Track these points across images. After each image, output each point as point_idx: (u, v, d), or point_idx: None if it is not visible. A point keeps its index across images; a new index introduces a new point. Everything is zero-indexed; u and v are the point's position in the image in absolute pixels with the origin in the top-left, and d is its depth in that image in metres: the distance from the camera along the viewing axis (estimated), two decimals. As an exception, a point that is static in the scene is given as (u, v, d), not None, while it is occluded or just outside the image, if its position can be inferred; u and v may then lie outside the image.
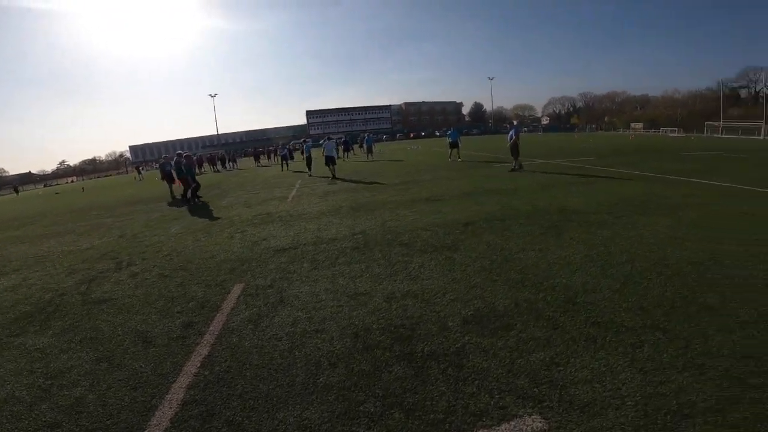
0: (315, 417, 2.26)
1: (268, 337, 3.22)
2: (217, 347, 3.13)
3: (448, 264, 4.57)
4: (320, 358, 2.83)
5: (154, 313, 3.96)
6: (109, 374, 2.90)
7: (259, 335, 3.27)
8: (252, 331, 3.34)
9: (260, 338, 3.22)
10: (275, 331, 3.30)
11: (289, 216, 8.63)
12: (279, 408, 2.37)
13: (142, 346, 3.27)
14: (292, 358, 2.88)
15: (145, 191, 20.27)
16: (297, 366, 2.77)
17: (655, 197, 7.42)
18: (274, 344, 3.09)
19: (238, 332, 3.35)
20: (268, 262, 5.33)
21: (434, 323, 3.21)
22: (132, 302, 4.34)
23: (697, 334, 2.71)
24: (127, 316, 3.96)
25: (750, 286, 3.38)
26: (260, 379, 2.66)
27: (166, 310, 4.02)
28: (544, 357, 2.64)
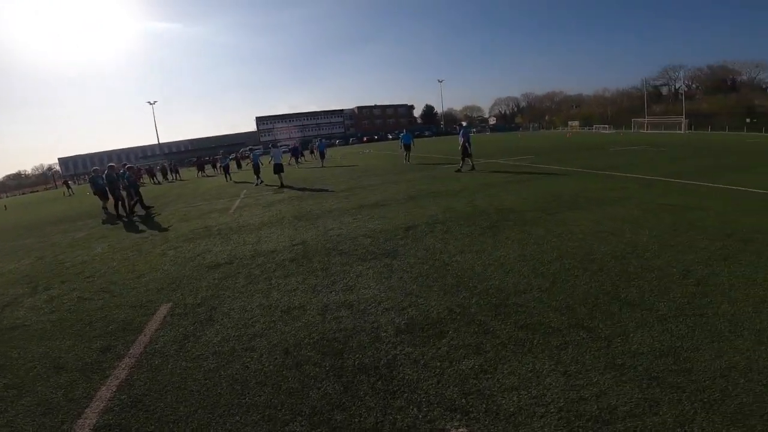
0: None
1: (193, 357, 3.07)
2: (137, 370, 2.98)
3: (386, 271, 4.47)
4: (247, 377, 2.72)
5: (69, 338, 3.71)
6: (18, 401, 2.78)
7: (183, 356, 3.11)
8: (176, 352, 3.18)
9: (184, 359, 3.06)
10: (201, 351, 3.15)
11: (228, 229, 8.16)
12: (199, 431, 2.26)
13: (54, 372, 3.09)
14: (217, 378, 2.76)
15: (75, 208, 18.51)
16: (222, 386, 2.65)
17: (584, 192, 7.82)
18: (198, 365, 2.96)
19: (160, 354, 3.18)
20: (201, 280, 5.02)
21: (367, 334, 3.13)
22: (46, 328, 4.03)
23: (618, 331, 2.78)
24: (39, 343, 3.70)
25: (668, 277, 3.56)
26: (181, 402, 2.54)
27: (83, 334, 3.77)
28: (473, 365, 2.60)
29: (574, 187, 8.53)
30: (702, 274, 3.55)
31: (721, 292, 3.20)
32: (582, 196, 7.51)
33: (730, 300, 3.06)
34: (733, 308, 2.94)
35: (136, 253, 7.05)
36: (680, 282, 3.44)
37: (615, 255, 4.19)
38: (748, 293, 3.14)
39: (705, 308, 2.97)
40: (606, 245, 4.54)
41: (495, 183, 10.05)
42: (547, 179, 10.16)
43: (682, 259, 3.94)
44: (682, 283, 3.40)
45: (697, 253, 4.07)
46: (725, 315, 2.85)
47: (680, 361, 2.38)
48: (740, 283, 3.33)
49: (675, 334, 2.67)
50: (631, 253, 4.21)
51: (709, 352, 2.44)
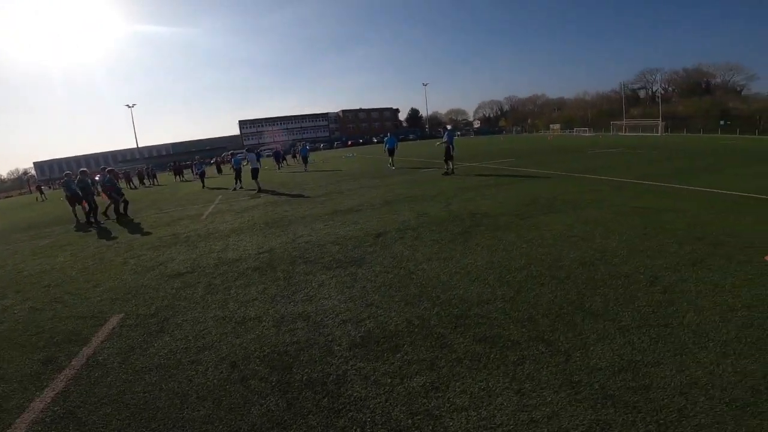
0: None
1: (135, 370, 2.99)
2: (74, 383, 2.91)
3: (349, 281, 4.28)
4: (189, 391, 2.63)
5: (14, 349, 3.60)
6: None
7: (126, 368, 3.03)
8: (119, 365, 3.09)
9: (126, 372, 2.98)
10: (145, 364, 3.06)
11: (196, 236, 7.84)
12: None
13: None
14: (157, 392, 2.67)
15: (46, 214, 17.78)
16: (161, 400, 2.57)
17: (561, 195, 7.77)
18: (140, 377, 2.88)
19: (102, 366, 3.10)
20: (158, 289, 4.83)
21: (320, 348, 2.99)
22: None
23: (578, 344, 2.63)
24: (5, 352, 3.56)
25: (634, 284, 3.45)
26: (115, 415, 2.48)
27: (28, 345, 3.66)
28: (425, 382, 2.45)
29: (551, 190, 8.48)
30: (669, 281, 3.45)
31: (687, 300, 3.10)
32: (558, 200, 7.45)
33: (697, 309, 2.95)
34: (699, 318, 2.83)
35: (97, 261, 6.77)
36: (647, 290, 3.33)
37: (583, 261, 4.08)
38: (716, 301, 3.05)
39: (670, 318, 2.85)
40: (576, 251, 4.43)
41: (473, 186, 9.96)
42: (526, 182, 10.12)
43: (650, 265, 3.84)
44: (649, 291, 3.30)
45: (666, 258, 3.99)
46: (690, 325, 2.74)
47: (639, 377, 2.24)
48: (708, 290, 3.24)
49: (636, 347, 2.53)
50: (599, 259, 4.10)
51: (671, 367, 2.31)
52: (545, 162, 15.18)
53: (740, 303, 2.98)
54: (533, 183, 9.86)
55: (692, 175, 9.66)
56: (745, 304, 2.97)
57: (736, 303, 2.99)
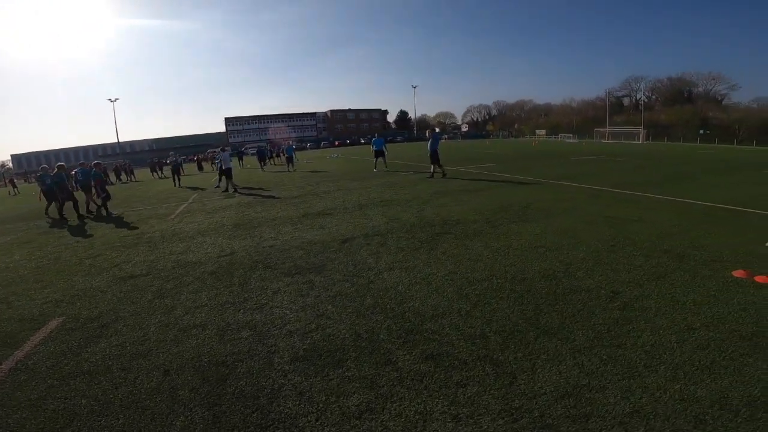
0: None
1: (63, 375, 2.90)
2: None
3: (305, 289, 4.10)
4: (112, 399, 2.55)
5: None
6: None
7: (53, 373, 2.95)
8: (47, 370, 3.00)
9: (53, 376, 2.89)
10: (74, 369, 2.97)
11: (160, 237, 7.52)
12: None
13: None
14: (79, 398, 2.60)
15: (15, 209, 17.05)
16: (81, 407, 2.50)
17: (535, 203, 7.70)
18: (65, 383, 2.80)
19: (30, 370, 3.01)
20: (107, 292, 4.63)
21: (260, 360, 2.86)
22: None
23: (526, 366, 2.50)
24: None
25: (594, 300, 3.34)
26: (30, 419, 2.41)
27: None
28: (361, 401, 2.29)
29: (527, 197, 8.42)
30: (630, 297, 3.36)
31: (646, 317, 3.00)
32: (532, 207, 7.38)
33: (654, 328, 2.85)
34: (654, 337, 2.73)
35: (52, 261, 6.46)
36: (606, 306, 3.22)
37: (547, 274, 3.96)
38: (674, 319, 2.95)
39: (625, 337, 2.74)
40: (541, 262, 4.32)
41: (450, 191, 9.85)
42: (503, 188, 10.07)
43: (613, 279, 3.75)
44: (608, 307, 3.19)
45: (630, 272, 3.90)
46: (644, 346, 2.63)
47: (581, 404, 2.11)
48: (668, 306, 3.15)
49: (585, 369, 2.41)
50: (563, 272, 3.99)
51: (616, 393, 2.18)
52: (526, 168, 15.21)
53: (699, 321, 2.90)
54: (510, 189, 9.81)
55: (667, 184, 9.74)
56: (705, 322, 2.88)
57: (695, 321, 2.90)
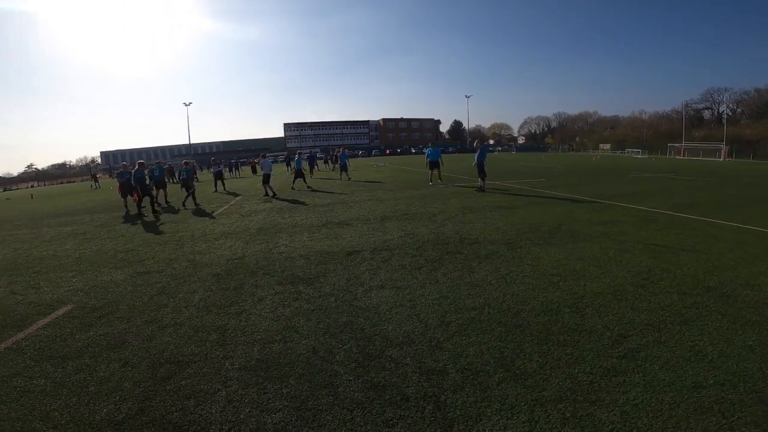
0: None
1: (41, 357, 3.16)
2: None
3: (290, 300, 4.08)
4: (65, 383, 2.77)
5: None
6: None
7: (34, 355, 3.22)
8: (32, 351, 3.28)
9: (32, 358, 3.17)
10: (53, 353, 3.22)
11: (190, 237, 7.91)
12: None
13: None
14: (39, 378, 2.84)
15: (90, 201, 19.08)
16: (35, 386, 2.74)
17: (570, 224, 7.03)
18: (39, 364, 3.04)
19: (18, 351, 3.32)
20: (120, 285, 5.01)
21: (212, 363, 2.92)
22: None
23: (472, 413, 2.19)
24: None
25: (593, 343, 2.87)
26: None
27: None
28: (279, 420, 2.28)
29: (563, 217, 7.73)
30: (639, 343, 2.84)
31: (646, 370, 2.50)
32: (564, 229, 6.74)
33: (650, 383, 2.37)
34: (644, 395, 2.27)
35: (93, 252, 7.13)
36: (604, 351, 2.74)
37: (550, 307, 3.50)
38: (682, 374, 2.44)
39: (607, 392, 2.29)
40: (549, 293, 3.84)
41: (481, 207, 9.35)
42: (541, 206, 9.36)
43: (628, 319, 3.21)
44: (605, 353, 2.71)
45: (652, 313, 3.33)
46: (625, 405, 2.19)
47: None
48: (683, 358, 2.61)
49: (537, 428, 2.02)
50: (570, 307, 3.51)
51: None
52: (578, 184, 14.13)
53: (714, 378, 2.36)
54: (549, 207, 9.09)
55: (737, 209, 8.46)
56: (721, 380, 2.36)
57: (708, 378, 2.37)
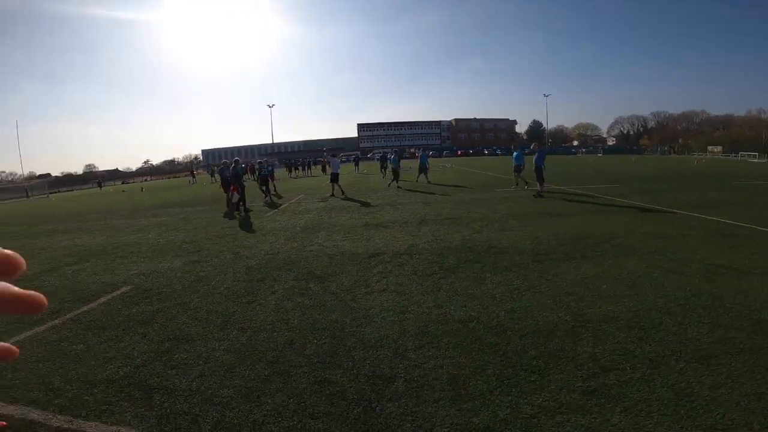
0: None
1: (89, 327, 3.78)
2: (50, 329, 3.81)
3: (296, 295, 4.42)
4: (96, 348, 3.31)
5: (49, 301, 4.61)
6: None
7: (85, 326, 3.83)
8: (85, 322, 3.91)
9: (82, 327, 3.79)
10: (98, 324, 3.85)
11: (244, 232, 8.72)
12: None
13: (15, 324, 4.02)
14: (79, 344, 3.41)
15: (186, 195, 21.79)
16: (73, 351, 3.25)
17: (620, 237, 6.36)
18: (84, 333, 3.64)
19: (77, 321, 3.97)
20: (174, 271, 5.73)
21: (204, 343, 3.29)
22: (48, 290, 5.09)
23: (377, 425, 2.16)
24: None
25: (563, 373, 2.64)
26: (41, 353, 3.27)
27: (57, 296, 4.79)
28: (227, 396, 2.51)
29: (618, 229, 7.01)
30: (616, 380, 2.51)
31: (596, 415, 2.21)
32: (614, 242, 6.12)
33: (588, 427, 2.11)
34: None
35: (167, 242, 8.14)
36: (570, 385, 2.51)
37: (543, 330, 3.27)
38: (639, 422, 2.13)
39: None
40: (552, 313, 3.58)
41: (528, 214, 8.84)
42: (598, 215, 8.56)
43: (625, 351, 2.88)
44: (569, 388, 2.47)
45: (662, 345, 2.95)
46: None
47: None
48: (643, 408, 2.24)
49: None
50: (566, 331, 3.24)
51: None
52: (658, 191, 12.57)
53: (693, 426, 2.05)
54: (606, 217, 8.28)
55: None
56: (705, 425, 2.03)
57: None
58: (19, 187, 47.96)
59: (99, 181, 56.02)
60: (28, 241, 9.49)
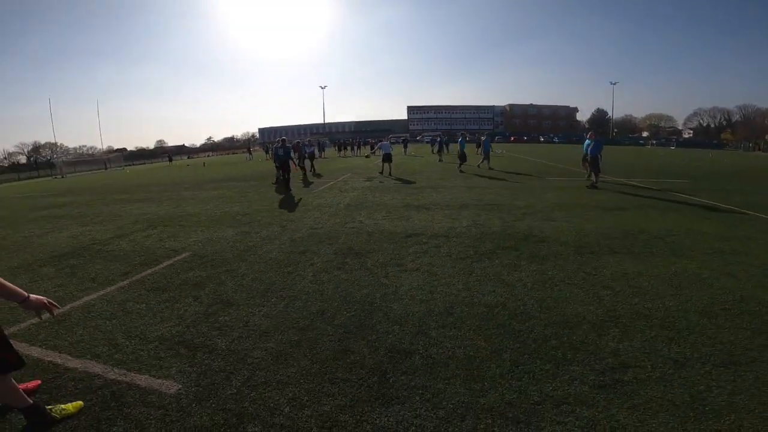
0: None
1: (148, 288, 4.27)
2: (119, 289, 4.30)
3: (333, 268, 4.66)
4: (154, 309, 3.73)
5: (118, 262, 5.33)
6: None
7: (146, 287, 4.32)
8: (147, 283, 4.41)
9: (144, 288, 4.27)
10: (156, 286, 4.31)
11: (292, 206, 9.18)
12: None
13: (89, 281, 4.60)
14: (138, 303, 3.85)
15: (245, 171, 23.11)
16: (133, 310, 3.71)
17: (679, 235, 5.93)
18: (144, 294, 4.09)
19: (141, 282, 4.48)
20: (227, 240, 6.26)
21: (246, 307, 3.43)
22: (118, 254, 5.73)
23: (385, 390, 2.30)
24: (103, 263, 5.33)
25: (572, 371, 2.64)
26: (109, 312, 3.71)
27: (128, 261, 5.34)
28: (257, 358, 2.65)
29: (676, 227, 6.54)
30: (632, 377, 2.46)
31: (601, 409, 2.19)
32: (669, 240, 5.74)
33: (586, 428, 2.08)
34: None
35: (222, 214, 8.84)
36: (584, 377, 2.50)
37: (570, 321, 3.23)
38: (622, 430, 2.08)
39: (529, 423, 2.11)
40: (582, 306, 3.51)
41: (578, 205, 8.45)
42: (656, 211, 7.99)
43: (650, 350, 2.80)
44: (582, 380, 2.47)
45: (692, 348, 2.83)
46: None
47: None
48: (654, 407, 2.19)
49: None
50: (594, 324, 3.19)
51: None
52: (733, 190, 11.40)
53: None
54: (666, 213, 7.71)
55: None
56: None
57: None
58: (99, 160, 53.15)
59: (170, 155, 60.56)
60: (104, 208, 10.67)
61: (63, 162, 46.12)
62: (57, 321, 3.48)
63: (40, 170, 49.54)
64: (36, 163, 61.24)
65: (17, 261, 5.63)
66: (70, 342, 3.15)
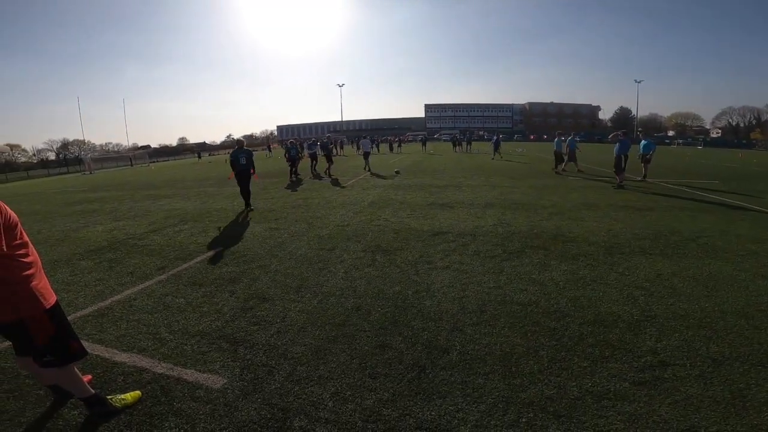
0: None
1: (181, 283, 4.38)
2: (156, 282, 4.44)
3: (364, 265, 4.74)
4: (192, 303, 3.84)
5: (154, 256, 5.49)
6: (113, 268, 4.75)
7: (179, 281, 4.43)
8: (179, 278, 4.51)
9: (177, 283, 4.38)
10: (188, 281, 4.42)
11: (317, 204, 9.36)
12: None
13: (129, 278, 4.72)
14: (172, 297, 3.97)
15: (266, 167, 23.53)
16: (168, 304, 3.83)
17: (712, 236, 5.79)
18: (178, 288, 4.20)
19: (175, 276, 4.62)
20: (255, 237, 6.36)
21: (282, 301, 3.52)
22: (153, 248, 5.90)
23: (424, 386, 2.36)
24: (139, 257, 5.54)
25: (611, 368, 2.64)
26: (143, 303, 3.91)
27: (164, 255, 5.52)
28: (299, 353, 2.74)
29: (709, 228, 6.39)
30: (672, 375, 2.47)
31: (643, 405, 2.21)
32: (702, 241, 5.62)
33: (629, 422, 2.10)
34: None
35: (247, 209, 8.92)
36: (623, 374, 2.51)
37: (605, 320, 3.23)
38: (665, 425, 2.08)
39: (570, 418, 2.13)
40: (617, 306, 3.51)
41: (606, 205, 8.32)
42: (687, 212, 7.81)
43: (688, 348, 2.79)
44: (621, 376, 2.49)
45: (730, 348, 2.80)
46: None
47: None
48: (694, 404, 2.21)
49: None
50: (629, 324, 3.18)
51: None
52: (763, 191, 11.05)
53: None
54: (698, 214, 7.52)
55: None
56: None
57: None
58: (125, 156, 54.80)
59: (198, 152, 61.97)
60: (135, 204, 11.06)
61: (91, 158, 47.72)
62: (100, 314, 3.61)
63: (69, 166, 51.45)
64: (65, 160, 63.55)
65: (56, 255, 5.83)
66: (116, 336, 3.20)
